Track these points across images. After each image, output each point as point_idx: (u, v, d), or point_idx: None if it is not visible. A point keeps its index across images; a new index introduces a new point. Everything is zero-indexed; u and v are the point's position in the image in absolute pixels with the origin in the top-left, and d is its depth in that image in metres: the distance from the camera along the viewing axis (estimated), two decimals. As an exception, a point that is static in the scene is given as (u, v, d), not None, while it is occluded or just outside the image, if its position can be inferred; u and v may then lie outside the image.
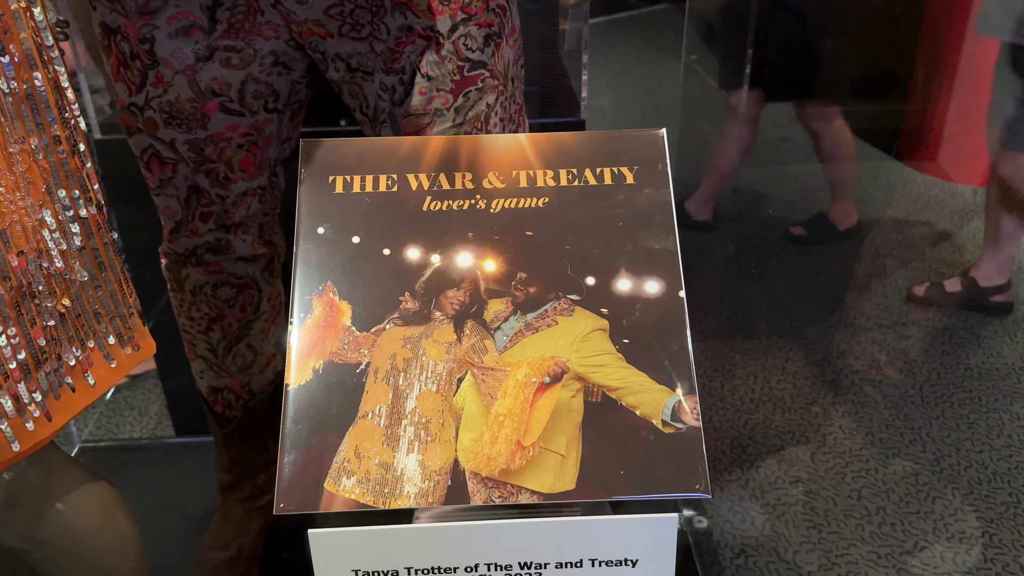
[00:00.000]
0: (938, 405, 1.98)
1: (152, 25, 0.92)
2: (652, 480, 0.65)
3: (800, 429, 1.99)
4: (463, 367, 0.69)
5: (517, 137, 0.78)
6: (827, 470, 1.85)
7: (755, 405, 2.09)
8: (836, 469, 1.85)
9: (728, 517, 1.73)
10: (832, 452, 1.90)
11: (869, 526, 1.69)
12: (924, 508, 1.72)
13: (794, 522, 1.71)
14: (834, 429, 1.96)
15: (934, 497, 1.74)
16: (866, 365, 2.14)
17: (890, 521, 1.70)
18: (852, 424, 1.97)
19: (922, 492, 1.76)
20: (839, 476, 1.83)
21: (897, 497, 1.75)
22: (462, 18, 0.93)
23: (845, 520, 1.71)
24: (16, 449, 0.69)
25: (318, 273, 0.72)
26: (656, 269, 0.72)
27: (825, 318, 2.34)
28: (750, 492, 1.81)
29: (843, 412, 2.01)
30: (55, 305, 0.72)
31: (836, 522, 1.71)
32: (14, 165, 0.66)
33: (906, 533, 1.67)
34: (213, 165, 1.03)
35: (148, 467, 1.61)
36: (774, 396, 2.11)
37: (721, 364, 2.26)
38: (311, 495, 0.65)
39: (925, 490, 1.76)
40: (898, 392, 2.03)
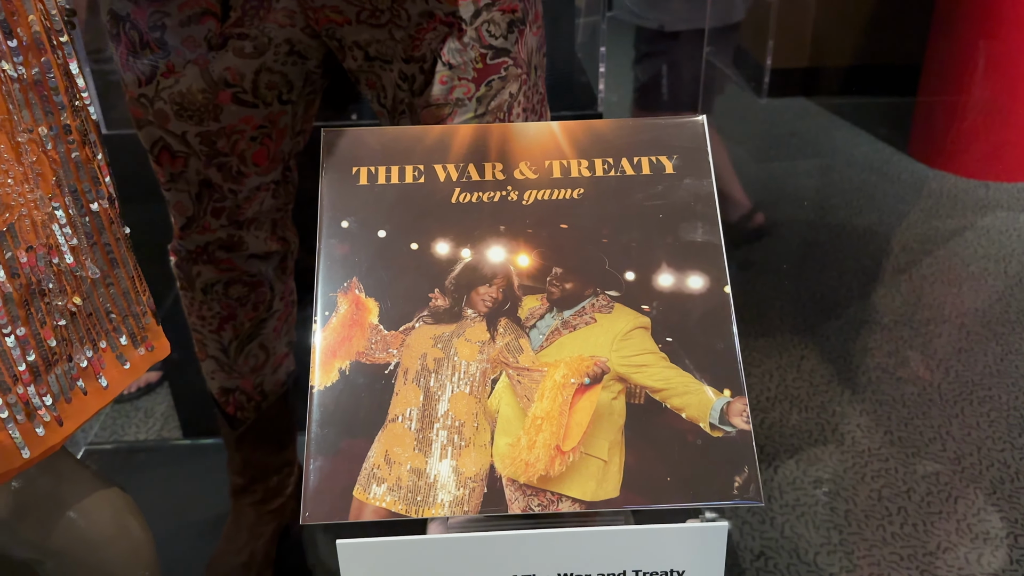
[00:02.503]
0: (957, 403, 1.95)
1: (163, 12, 0.89)
2: (700, 487, 0.62)
3: (818, 428, 1.95)
4: (497, 368, 0.65)
5: (549, 125, 0.74)
6: (846, 470, 1.82)
7: (771, 404, 2.05)
8: (855, 469, 1.81)
9: (747, 518, 1.69)
10: (851, 451, 1.86)
11: (891, 527, 1.66)
12: (947, 508, 1.68)
13: (815, 523, 1.68)
14: (852, 428, 1.93)
15: (956, 497, 1.70)
16: (883, 363, 2.10)
17: (912, 522, 1.66)
18: (870, 423, 1.93)
19: (944, 492, 1.72)
20: (859, 476, 1.79)
21: (919, 497, 1.72)
22: (485, 3, 0.89)
23: (866, 521, 1.68)
24: (26, 456, 0.66)
25: (343, 269, 0.69)
26: (699, 263, 0.68)
27: (840, 315, 2.30)
28: (769, 492, 1.78)
29: (860, 411, 1.97)
30: (66, 303, 0.68)
31: (857, 523, 1.67)
32: (23, 156, 0.63)
33: (929, 534, 1.63)
34: (225, 159, 1.00)
35: (156, 470, 1.57)
36: (790, 394, 2.08)
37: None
38: (340, 503, 0.61)
39: (947, 490, 1.72)
40: (916, 390, 1.99)
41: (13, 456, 0.65)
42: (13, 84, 0.62)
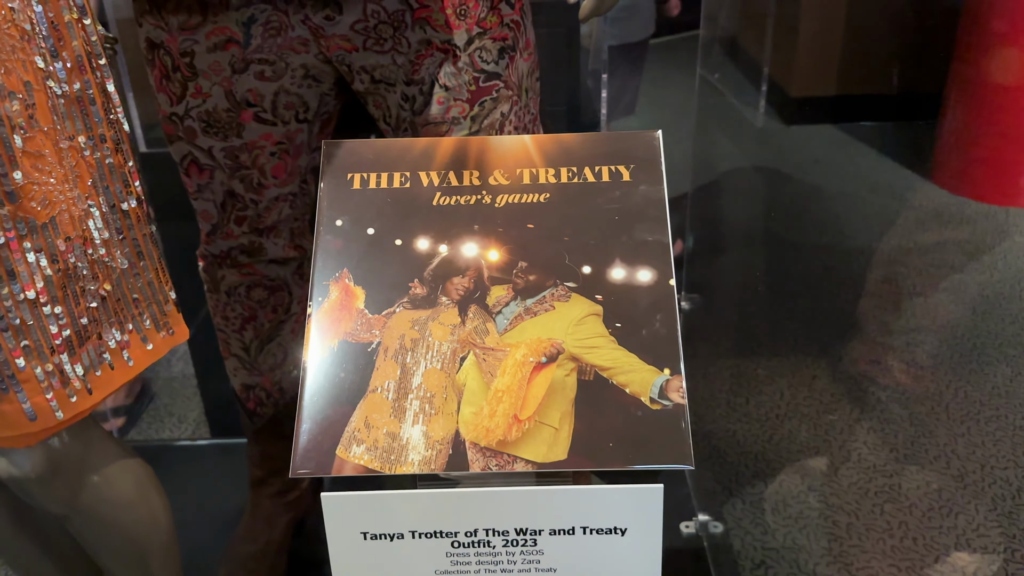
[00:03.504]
0: (964, 422, 1.98)
1: (192, 40, 1.00)
2: (639, 452, 0.70)
3: (825, 444, 2.00)
4: (466, 347, 0.74)
5: (523, 138, 0.84)
6: (850, 484, 1.86)
7: (780, 421, 2.10)
8: (860, 484, 1.85)
9: (749, 529, 1.75)
10: (856, 467, 1.91)
11: (891, 540, 1.70)
12: (947, 523, 1.72)
13: (815, 535, 1.72)
14: (859, 445, 1.97)
15: (957, 512, 1.74)
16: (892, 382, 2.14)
17: (912, 535, 1.70)
18: (877, 440, 1.97)
19: (945, 507, 1.75)
20: (862, 491, 1.83)
21: (920, 512, 1.75)
22: (477, 32, 0.99)
23: (867, 534, 1.72)
24: (60, 417, 0.76)
25: (336, 261, 0.78)
26: (649, 259, 0.77)
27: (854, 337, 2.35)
28: (772, 504, 1.83)
29: (868, 428, 2.01)
30: (97, 288, 0.79)
31: (858, 535, 1.71)
32: (64, 160, 0.74)
33: (927, 547, 1.67)
34: (247, 171, 1.10)
35: (185, 466, 1.68)
36: (800, 412, 2.12)
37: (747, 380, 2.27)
38: (324, 460, 0.71)
39: (948, 505, 1.76)
40: (924, 409, 2.03)
41: (48, 416, 0.75)
42: (58, 99, 0.73)
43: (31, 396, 0.74)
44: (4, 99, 0.68)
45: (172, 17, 0.99)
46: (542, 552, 0.73)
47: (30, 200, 0.71)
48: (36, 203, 0.71)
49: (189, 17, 0.99)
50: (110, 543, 0.92)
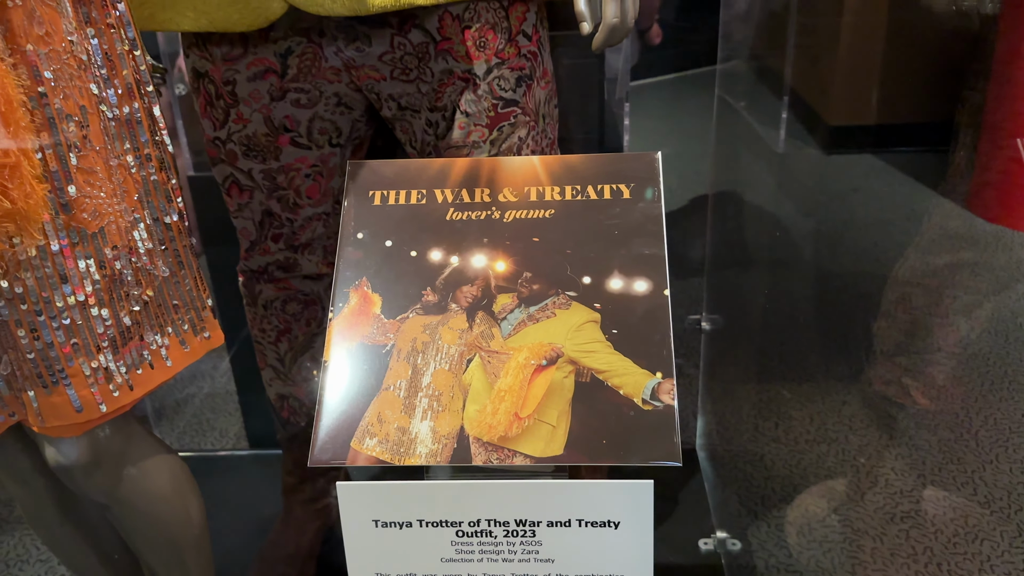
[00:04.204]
0: (992, 449, 1.97)
1: (234, 70, 1.09)
2: (631, 449, 0.74)
3: (852, 470, 2.00)
4: (472, 350, 0.80)
5: (532, 159, 0.90)
6: (876, 509, 1.86)
7: (809, 446, 2.11)
8: (886, 509, 1.86)
9: (773, 551, 1.76)
10: (883, 492, 1.91)
11: (915, 565, 1.70)
12: (971, 549, 1.71)
13: (839, 558, 1.73)
14: (886, 471, 1.97)
15: (982, 539, 1.73)
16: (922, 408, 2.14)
17: (936, 561, 1.70)
18: (905, 466, 1.97)
19: (971, 534, 1.75)
20: (888, 516, 1.84)
21: (945, 538, 1.75)
22: (496, 62, 1.06)
23: (891, 559, 1.72)
24: (103, 410, 0.84)
25: (356, 271, 0.85)
26: (645, 271, 0.82)
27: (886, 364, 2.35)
28: (797, 527, 1.84)
29: (896, 455, 2.02)
30: (140, 294, 0.86)
31: (882, 560, 1.72)
32: (113, 176, 0.82)
33: (952, 574, 1.67)
34: (284, 192, 1.18)
35: (223, 475, 1.76)
36: (829, 437, 2.13)
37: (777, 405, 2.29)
38: (340, 452, 0.77)
39: (974, 532, 1.75)
40: (952, 435, 2.03)
41: (93, 409, 0.83)
42: (110, 122, 0.81)
43: (78, 389, 0.82)
44: (62, 121, 0.77)
45: (216, 49, 1.08)
46: (540, 543, 0.77)
47: (82, 212, 0.79)
48: (87, 214, 0.80)
49: (231, 49, 1.08)
50: (146, 534, 0.99)
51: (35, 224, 0.73)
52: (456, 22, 1.03)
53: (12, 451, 0.95)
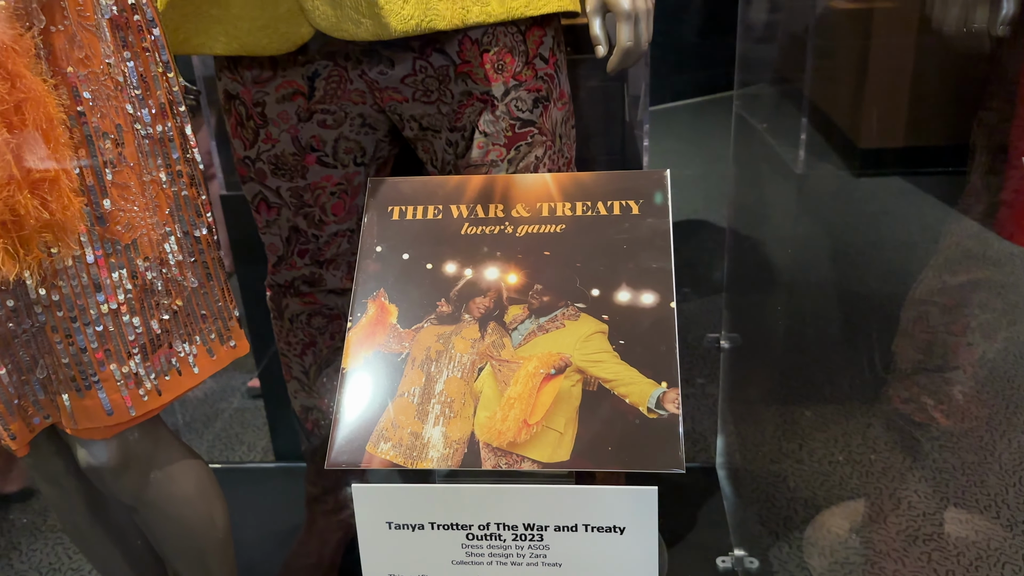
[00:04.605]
0: (1015, 472, 1.95)
1: (264, 92, 1.14)
2: (635, 456, 0.77)
3: (876, 492, 2.00)
4: (484, 359, 0.83)
5: (544, 176, 0.93)
6: (899, 532, 1.85)
7: (833, 468, 2.11)
8: (908, 532, 1.85)
9: (795, 572, 1.76)
10: (906, 515, 1.90)
11: (937, 587, 1.69)
12: (993, 573, 1.70)
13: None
14: (909, 493, 1.96)
15: (1004, 562, 1.72)
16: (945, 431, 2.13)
17: (958, 584, 1.69)
18: (928, 489, 1.96)
19: (992, 556, 1.73)
20: (910, 539, 1.83)
21: (967, 561, 1.74)
22: (513, 84, 1.10)
23: (912, 581, 1.71)
24: (132, 414, 0.88)
25: (374, 282, 0.89)
26: (652, 284, 0.84)
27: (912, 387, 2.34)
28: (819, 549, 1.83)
29: (920, 477, 2.00)
30: (170, 303, 0.91)
31: (903, 582, 1.71)
32: (146, 191, 0.87)
33: (974, 596, 1.65)
34: (310, 209, 1.23)
35: (249, 487, 1.80)
36: (853, 459, 2.13)
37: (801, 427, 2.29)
38: (356, 455, 0.80)
39: (996, 555, 1.74)
40: (976, 458, 2.01)
41: (123, 412, 0.87)
42: (144, 140, 0.86)
43: (109, 393, 0.86)
44: (99, 139, 0.81)
45: (246, 72, 1.13)
46: (548, 547, 0.80)
47: (116, 224, 0.84)
48: (121, 227, 0.84)
49: (261, 72, 1.13)
50: (171, 537, 1.02)
51: (72, 235, 0.78)
52: (475, 46, 1.07)
53: (46, 453, 0.99)
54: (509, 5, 1.03)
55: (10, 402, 0.86)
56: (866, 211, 3.28)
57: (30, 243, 0.75)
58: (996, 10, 1.08)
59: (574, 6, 1.11)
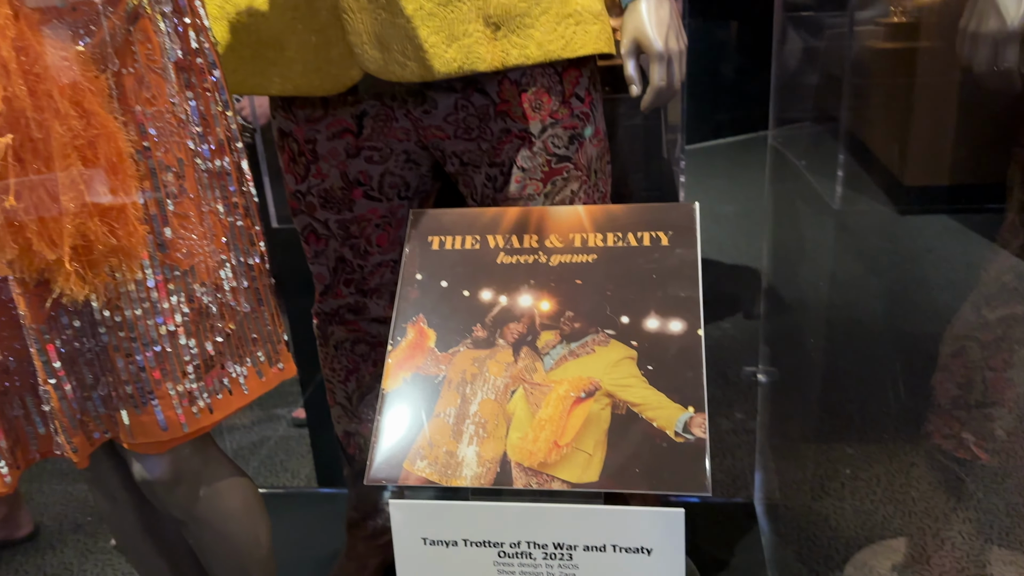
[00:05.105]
0: (1065, 514, 1.91)
1: (315, 130, 1.20)
2: (662, 479, 0.79)
3: (919, 532, 1.97)
4: (517, 382, 0.87)
5: (577, 208, 0.97)
6: (942, 573, 1.82)
7: (875, 507, 2.09)
8: (951, 573, 1.82)
9: (836, 612, 1.74)
10: (949, 556, 1.87)
11: (982, 630, 1.65)
12: (1041, 616, 1.66)
13: (901, 620, 1.70)
14: (953, 534, 1.93)
15: (1053, 605, 1.68)
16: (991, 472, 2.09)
17: (1004, 627, 1.65)
18: (972, 530, 1.93)
19: (1040, 599, 1.70)
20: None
21: (1013, 603, 1.70)
22: (550, 122, 1.15)
23: (956, 623, 1.68)
24: (185, 431, 0.93)
25: (413, 308, 0.93)
26: (680, 312, 0.88)
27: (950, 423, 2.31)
28: (858, 589, 1.81)
29: (964, 518, 1.97)
30: (223, 327, 0.96)
31: (946, 624, 1.68)
32: (204, 220, 0.93)
33: (1020, 640, 1.62)
34: (356, 240, 1.28)
35: (292, 511, 1.85)
36: (896, 498, 2.10)
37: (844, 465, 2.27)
38: (394, 471, 0.84)
39: (1044, 598, 1.70)
40: (1021, 500, 1.97)
41: (176, 428, 0.92)
42: (203, 173, 0.92)
43: (164, 410, 0.91)
44: (162, 172, 0.88)
45: (299, 111, 1.20)
46: (577, 566, 0.82)
47: (176, 251, 0.90)
48: (180, 254, 0.90)
49: (313, 111, 1.19)
50: (218, 552, 1.07)
51: (135, 260, 0.84)
52: (514, 86, 1.13)
53: (104, 468, 1.05)
54: (546, 48, 1.08)
55: (74, 417, 0.92)
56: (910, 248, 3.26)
57: (97, 267, 0.81)
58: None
59: (609, 48, 1.16)
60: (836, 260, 2.57)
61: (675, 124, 1.75)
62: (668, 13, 1.13)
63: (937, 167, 3.18)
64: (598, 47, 1.13)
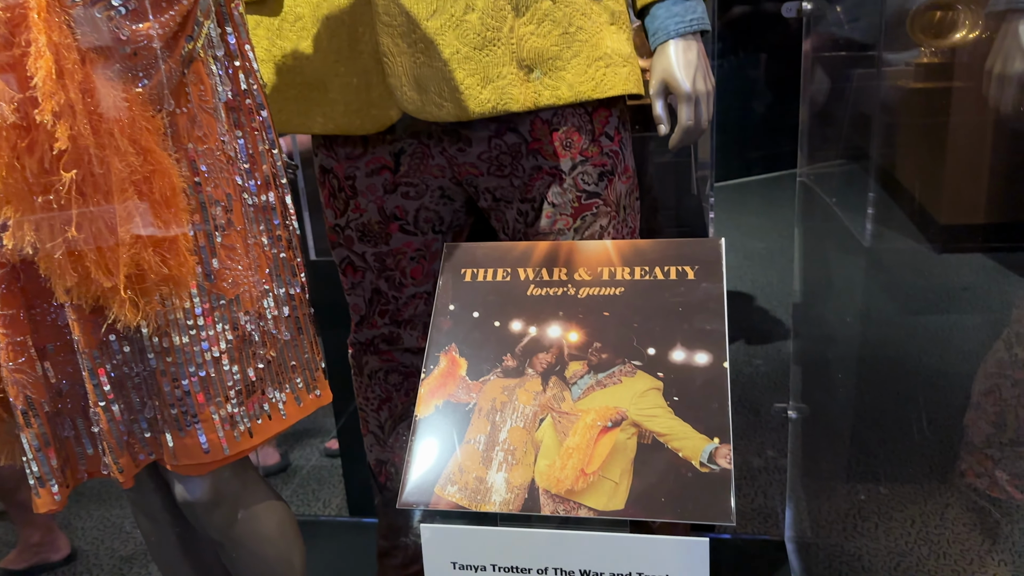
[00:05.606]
0: (1104, 558, 1.88)
1: (355, 167, 1.25)
2: (687, 507, 0.81)
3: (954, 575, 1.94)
4: (545, 411, 0.89)
5: (605, 243, 1.00)
6: (978, 617, 1.80)
7: (909, 548, 2.06)
8: (987, 616, 1.79)
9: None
10: (985, 600, 1.84)
11: (1018, 676, 1.63)
12: (1079, 662, 1.63)
13: (934, 663, 1.68)
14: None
15: (1091, 651, 1.64)
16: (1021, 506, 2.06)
17: (1041, 673, 1.62)
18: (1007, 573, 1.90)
19: (1079, 645, 1.66)
20: (990, 623, 1.77)
21: (1051, 649, 1.67)
22: (580, 160, 1.19)
23: (992, 668, 1.65)
24: (226, 453, 0.97)
25: (446, 338, 0.97)
26: (706, 344, 0.90)
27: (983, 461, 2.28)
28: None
29: (999, 560, 1.94)
30: (265, 354, 1.00)
31: (981, 668, 1.66)
32: (249, 252, 0.97)
33: None
34: (391, 273, 1.32)
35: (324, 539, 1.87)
36: (930, 540, 2.08)
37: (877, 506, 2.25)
38: (425, 496, 0.86)
39: (1082, 643, 1.67)
40: (1060, 543, 1.94)
41: (218, 451, 0.96)
42: (249, 207, 0.97)
43: (207, 433, 0.95)
44: (212, 206, 0.93)
45: (340, 149, 1.25)
46: (603, 593, 0.84)
47: (222, 281, 0.94)
48: (226, 284, 0.94)
49: (353, 149, 1.24)
50: (253, 573, 1.10)
51: (185, 289, 0.88)
52: (545, 126, 1.17)
53: (147, 489, 1.09)
54: (577, 89, 1.12)
55: (121, 438, 0.96)
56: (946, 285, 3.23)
57: (149, 295, 0.85)
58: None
59: (638, 89, 1.20)
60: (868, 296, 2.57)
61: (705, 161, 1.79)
62: (696, 55, 1.17)
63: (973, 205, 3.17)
64: (627, 88, 1.17)
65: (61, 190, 0.76)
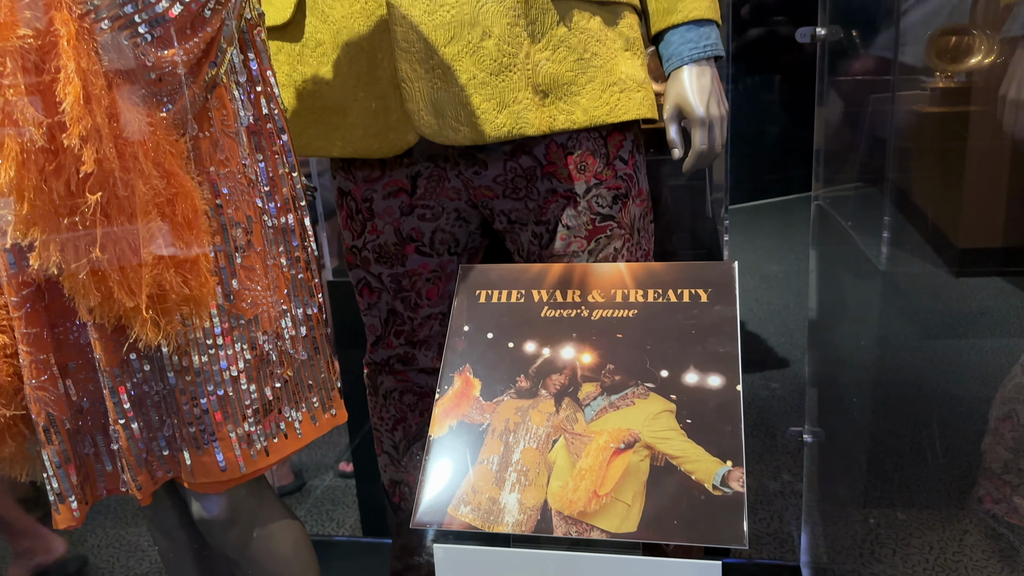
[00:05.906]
0: None
1: (372, 189, 1.27)
2: (700, 530, 0.81)
3: (973, 603, 1.92)
4: (558, 432, 0.90)
5: (619, 265, 1.01)
6: (997, 645, 1.77)
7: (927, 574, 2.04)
8: (1007, 646, 1.77)
9: None
10: (1005, 628, 1.82)
11: None
12: None
13: None
14: (1008, 605, 1.88)
15: None
16: (1048, 541, 2.03)
17: None
18: (1029, 601, 1.87)
19: (1101, 676, 1.64)
20: (1010, 653, 1.74)
21: None
22: (594, 183, 1.20)
23: None
24: (243, 471, 0.98)
25: (461, 359, 0.98)
26: (719, 367, 0.90)
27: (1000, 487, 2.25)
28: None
29: (1020, 588, 1.92)
30: (282, 373, 1.01)
31: None
32: (268, 273, 0.99)
33: None
34: (407, 293, 1.34)
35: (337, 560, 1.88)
36: (948, 567, 2.06)
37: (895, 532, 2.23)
38: (439, 516, 0.87)
39: (1105, 674, 1.64)
40: (1081, 570, 1.91)
41: (234, 469, 0.97)
42: (269, 229, 0.99)
43: (224, 451, 0.96)
44: (232, 228, 0.94)
45: (358, 172, 1.27)
46: (615, 615, 0.84)
47: (242, 301, 0.96)
48: (245, 304, 0.96)
49: (371, 172, 1.26)
50: (269, 592, 1.11)
51: (205, 309, 0.90)
52: (560, 149, 1.18)
53: (164, 506, 1.10)
54: (592, 114, 1.14)
55: (140, 456, 0.98)
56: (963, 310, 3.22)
57: (170, 315, 0.87)
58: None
59: (652, 113, 1.21)
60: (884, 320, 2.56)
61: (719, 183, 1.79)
62: (710, 80, 1.18)
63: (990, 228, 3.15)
64: (641, 113, 1.19)
65: (87, 212, 0.77)
